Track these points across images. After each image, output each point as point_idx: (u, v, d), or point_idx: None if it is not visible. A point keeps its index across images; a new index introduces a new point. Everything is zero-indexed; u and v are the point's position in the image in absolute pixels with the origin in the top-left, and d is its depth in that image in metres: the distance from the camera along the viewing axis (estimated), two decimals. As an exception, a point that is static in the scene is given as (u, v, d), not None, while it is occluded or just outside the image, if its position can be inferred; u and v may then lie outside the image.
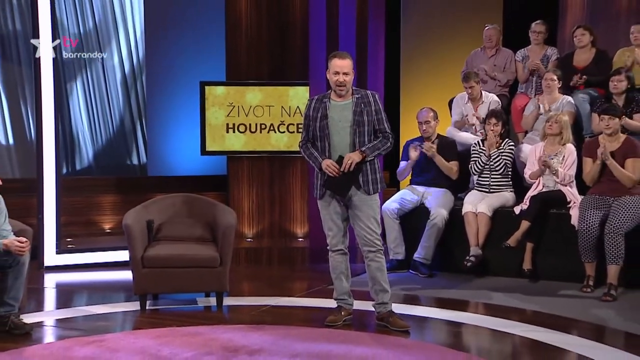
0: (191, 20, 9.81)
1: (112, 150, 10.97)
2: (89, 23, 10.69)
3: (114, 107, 10.94)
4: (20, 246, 5.33)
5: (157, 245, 6.34)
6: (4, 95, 10.03)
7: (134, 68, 11.05)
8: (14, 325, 5.39)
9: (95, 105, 10.82)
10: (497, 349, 5.24)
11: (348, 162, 5.34)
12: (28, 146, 10.01)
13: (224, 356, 4.83)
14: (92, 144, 10.79)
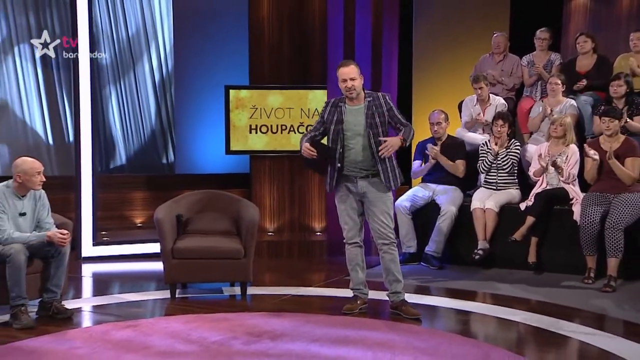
0: (217, 29, 9.76)
1: (142, 150, 10.96)
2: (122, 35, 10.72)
3: (144, 111, 10.94)
4: (62, 238, 5.41)
5: (186, 238, 6.37)
6: (44, 98, 10.03)
7: (163, 75, 11.01)
8: (57, 310, 5.47)
9: (128, 109, 10.83)
10: (503, 336, 5.24)
11: (389, 146, 5.29)
12: (66, 146, 10.00)
13: (249, 340, 4.86)
14: (124, 145, 10.79)
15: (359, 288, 5.72)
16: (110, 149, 10.53)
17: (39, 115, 10.05)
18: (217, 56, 9.73)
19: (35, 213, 5.61)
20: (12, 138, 9.88)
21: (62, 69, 10.13)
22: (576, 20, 9.28)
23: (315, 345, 4.78)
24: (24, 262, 5.27)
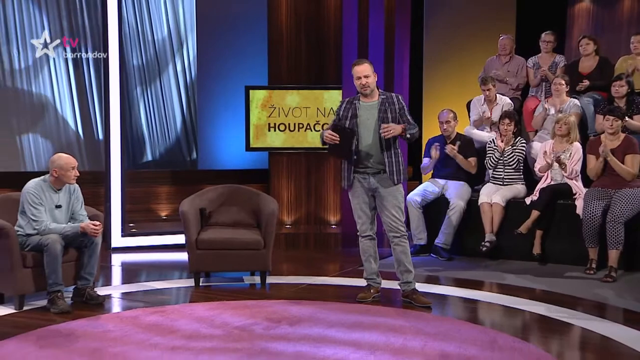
0: (237, 33, 9.74)
1: (167, 147, 10.96)
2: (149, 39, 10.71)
3: (169, 110, 10.94)
4: (94, 229, 5.47)
5: (209, 229, 6.39)
6: (75, 98, 10.06)
7: (186, 76, 10.99)
8: (90, 297, 5.53)
9: (153, 109, 10.84)
10: (509, 323, 5.24)
11: (388, 130, 5.29)
12: (96, 143, 10.04)
13: (269, 326, 4.89)
14: (150, 142, 10.81)
15: (372, 278, 5.73)
16: (137, 146, 10.54)
17: (71, 113, 10.08)
18: (237, 58, 9.71)
19: (70, 205, 5.67)
20: (52, 135, 9.94)
21: (92, 70, 10.17)
22: (579, 23, 9.23)
23: (332, 331, 4.80)
24: (60, 251, 5.32)
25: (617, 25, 8.94)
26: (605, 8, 9.17)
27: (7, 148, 9.50)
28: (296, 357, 4.27)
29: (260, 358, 4.24)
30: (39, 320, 5.12)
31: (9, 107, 9.56)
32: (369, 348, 4.43)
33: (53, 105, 9.95)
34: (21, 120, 9.70)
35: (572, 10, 9.37)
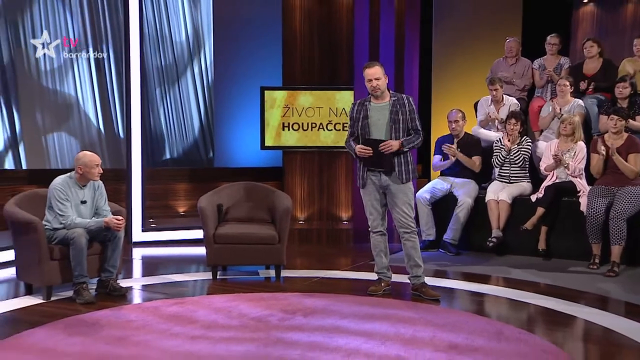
0: (253, 36, 9.79)
1: (184, 145, 11.02)
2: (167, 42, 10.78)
3: (186, 110, 11.00)
4: (117, 223, 5.53)
5: (225, 225, 6.40)
6: (97, 98, 10.11)
7: (203, 78, 11.04)
8: (113, 288, 5.59)
9: (172, 109, 10.90)
10: (515, 315, 5.26)
11: (387, 146, 5.34)
12: (116, 141, 10.12)
13: (284, 317, 4.92)
14: (168, 141, 10.87)
15: (383, 272, 5.74)
16: (156, 145, 10.58)
17: (94, 114, 10.14)
18: (253, 60, 9.75)
19: (94, 201, 5.72)
20: (75, 134, 10.01)
21: (114, 71, 10.22)
22: (584, 26, 9.18)
23: (344, 322, 4.82)
24: (85, 244, 5.38)
25: (621, 28, 8.90)
26: (609, 12, 9.13)
27: (33, 147, 9.57)
28: (310, 346, 4.30)
29: (276, 347, 4.28)
30: (65, 310, 5.19)
31: (35, 107, 9.62)
32: (380, 338, 4.45)
33: (76, 106, 10.01)
34: (46, 120, 9.76)
35: (577, 13, 9.33)
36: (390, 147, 5.37)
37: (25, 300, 5.51)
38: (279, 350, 4.24)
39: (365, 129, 5.51)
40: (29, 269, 5.61)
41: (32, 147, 9.58)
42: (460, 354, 4.15)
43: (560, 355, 4.20)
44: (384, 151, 5.38)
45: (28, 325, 4.77)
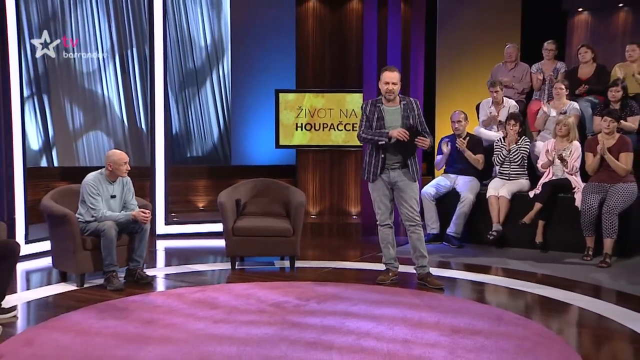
0: (268, 41, 9.72)
1: (203, 145, 11.00)
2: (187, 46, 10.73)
3: (205, 112, 10.98)
4: (144, 216, 5.64)
5: (243, 218, 6.47)
6: (123, 100, 10.11)
7: (220, 80, 11.01)
8: (140, 277, 5.69)
9: (191, 110, 10.89)
10: (514, 303, 5.29)
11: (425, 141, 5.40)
12: (140, 140, 10.13)
13: (299, 304, 5.01)
14: (187, 140, 10.87)
15: (390, 262, 5.79)
16: (177, 144, 10.57)
17: (119, 115, 10.15)
18: (267, 64, 9.69)
19: (123, 196, 5.82)
20: (102, 134, 10.02)
21: (137, 74, 10.24)
22: (578, 33, 9.16)
23: (355, 308, 4.90)
24: (114, 236, 5.49)
25: (613, 35, 8.86)
26: (601, 20, 9.11)
27: (64, 147, 9.60)
28: (324, 330, 4.39)
29: (292, 331, 4.36)
30: (97, 296, 5.30)
31: (65, 110, 9.64)
32: (389, 322, 4.54)
33: (104, 108, 10.03)
34: (76, 122, 9.78)
35: (572, 21, 9.31)
36: (425, 144, 5.43)
37: (60, 287, 5.63)
38: (295, 333, 4.32)
39: (382, 130, 5.54)
40: (63, 258, 5.71)
41: (64, 146, 9.61)
42: (463, 338, 4.23)
43: (556, 340, 4.27)
44: (419, 144, 5.41)
45: (64, 310, 4.90)
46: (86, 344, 4.14)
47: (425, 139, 5.45)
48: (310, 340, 4.18)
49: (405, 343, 4.15)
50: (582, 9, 9.27)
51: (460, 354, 3.94)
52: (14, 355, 3.94)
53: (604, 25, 9.09)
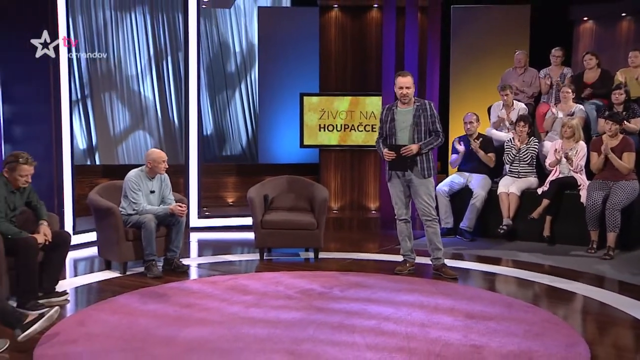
0: (293, 47, 9.71)
1: (232, 144, 11.10)
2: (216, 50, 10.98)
3: (233, 113, 11.10)
4: (181, 210, 5.75)
5: (271, 212, 6.52)
6: (159, 104, 10.24)
7: (248, 84, 11.15)
8: (176, 266, 5.81)
9: (220, 112, 11.01)
10: (523, 292, 5.30)
11: (407, 150, 5.44)
12: (174, 140, 10.23)
13: (323, 291, 5.10)
14: (217, 140, 10.97)
15: (407, 254, 5.84)
16: (208, 144, 10.64)
17: (154, 117, 10.25)
18: (293, 69, 9.71)
19: (161, 191, 5.93)
20: (139, 135, 10.15)
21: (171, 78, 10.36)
22: (584, 41, 9.07)
23: (375, 295, 4.98)
24: (154, 228, 5.61)
25: (616, 43, 8.77)
26: (605, 28, 9.02)
27: (106, 146, 9.74)
28: (348, 314, 4.47)
29: (319, 315, 4.45)
30: (138, 282, 5.42)
31: (106, 113, 9.77)
32: (407, 308, 4.62)
33: (140, 111, 10.13)
34: (116, 124, 9.90)
35: (578, 29, 9.23)
36: (410, 151, 5.48)
37: (105, 274, 5.77)
38: (321, 317, 4.41)
39: (392, 131, 5.61)
40: (108, 247, 5.84)
41: (105, 146, 9.75)
42: (476, 323, 4.30)
43: (562, 325, 4.32)
44: (405, 154, 5.48)
45: (110, 294, 5.05)
46: (132, 325, 4.27)
47: (408, 147, 5.48)
48: (335, 324, 4.26)
49: (422, 327, 4.22)
50: (587, 18, 9.20)
51: (474, 337, 4.01)
52: (68, 334, 4.09)
53: (608, 33, 9.01)
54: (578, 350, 3.86)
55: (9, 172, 4.74)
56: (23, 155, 4.75)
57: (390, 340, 3.97)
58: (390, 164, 5.63)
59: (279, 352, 3.74)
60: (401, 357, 3.68)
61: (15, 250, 4.58)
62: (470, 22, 9.45)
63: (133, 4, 10.15)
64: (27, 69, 6.86)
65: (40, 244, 4.73)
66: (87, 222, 7.17)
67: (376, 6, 8.91)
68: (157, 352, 3.79)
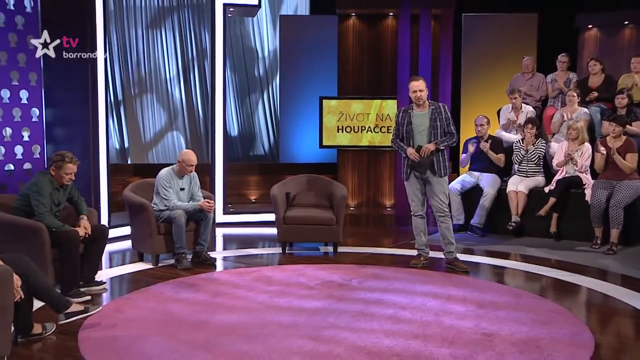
0: (312, 54, 9.75)
1: (255, 145, 11.16)
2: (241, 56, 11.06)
3: (255, 116, 11.16)
4: (209, 206, 5.83)
5: (292, 209, 6.56)
6: (185, 108, 10.30)
7: (269, 88, 11.19)
8: (205, 258, 5.88)
9: (243, 114, 11.08)
10: (530, 284, 5.33)
11: (426, 150, 5.52)
12: (199, 142, 10.31)
13: (341, 283, 5.16)
14: (240, 141, 11.02)
15: (422, 248, 5.89)
16: (231, 144, 10.64)
17: (181, 120, 10.32)
18: (312, 74, 9.74)
19: (190, 188, 6.02)
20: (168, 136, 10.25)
21: (197, 85, 10.43)
22: (589, 47, 9.01)
23: (392, 286, 5.06)
24: (184, 222, 5.69)
25: (619, 49, 8.70)
26: (609, 35, 8.93)
27: (137, 147, 9.85)
28: (367, 303, 4.56)
29: (340, 304, 4.54)
30: (169, 273, 5.53)
31: (137, 117, 9.88)
32: (422, 298, 4.69)
33: (168, 114, 10.22)
34: (146, 127, 10.01)
35: (583, 36, 9.16)
36: (427, 150, 5.54)
37: (138, 266, 5.88)
38: (341, 306, 4.49)
39: (410, 134, 5.65)
40: (141, 241, 5.94)
41: (136, 147, 9.86)
42: (487, 312, 4.37)
43: (568, 315, 4.37)
44: (424, 155, 5.54)
45: (144, 284, 5.17)
46: (165, 311, 4.39)
47: (423, 148, 5.55)
48: (355, 313, 4.34)
49: (436, 316, 4.29)
50: (591, 26, 9.16)
51: (485, 326, 4.08)
52: (107, 319, 4.21)
53: (611, 40, 8.95)
54: (582, 338, 3.91)
55: (55, 170, 4.88)
56: (68, 155, 4.89)
57: (407, 327, 4.04)
58: (413, 165, 5.66)
59: (302, 338, 3.83)
60: (417, 344, 3.75)
61: (59, 242, 4.72)
62: (481, 30, 9.44)
63: (163, 16, 10.23)
64: (68, 76, 7.01)
65: (81, 237, 4.86)
66: (120, 217, 7.29)
67: (391, 14, 8.93)
68: (189, 336, 3.89)
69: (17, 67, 6.90)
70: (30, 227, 4.63)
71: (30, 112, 7.05)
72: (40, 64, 7.02)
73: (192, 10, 10.52)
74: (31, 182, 4.92)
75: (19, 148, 6.96)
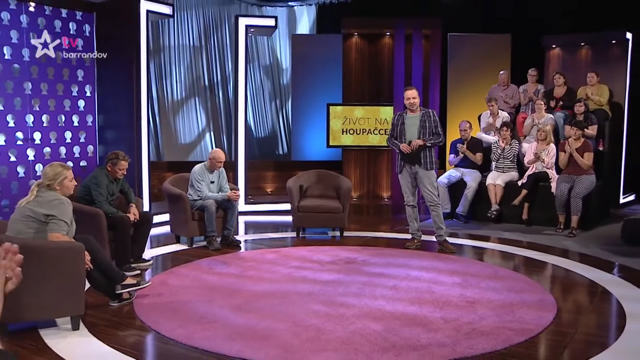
0: (320, 65, 9.74)
1: (269, 144, 11.15)
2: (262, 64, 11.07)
3: (270, 120, 11.16)
4: (236, 195, 5.93)
5: (305, 199, 6.64)
6: (210, 112, 10.30)
7: (282, 95, 11.22)
8: (231, 241, 5.98)
9: (259, 118, 11.09)
10: (506, 262, 5.41)
11: (415, 144, 5.61)
12: (220, 141, 10.29)
13: (348, 261, 5.28)
14: (257, 141, 11.00)
15: (415, 233, 6.00)
16: (250, 144, 10.54)
17: (206, 123, 10.28)
18: (320, 84, 9.72)
19: (219, 181, 6.10)
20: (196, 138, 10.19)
21: (222, 95, 10.42)
22: (553, 63, 9.06)
23: (391, 263, 5.18)
24: (214, 210, 5.81)
25: (578, 65, 8.87)
26: (570, 54, 9.04)
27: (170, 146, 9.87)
28: (372, 275, 4.72)
29: (348, 277, 4.68)
30: (202, 253, 5.65)
31: (169, 122, 9.90)
32: (418, 271, 4.86)
33: (197, 120, 10.20)
34: (179, 129, 10.01)
35: (548, 54, 9.20)
36: (416, 144, 5.63)
37: (176, 247, 6.00)
38: (350, 278, 4.65)
39: (402, 132, 5.76)
40: (178, 225, 6.05)
41: (169, 146, 9.88)
42: (471, 284, 4.52)
43: (536, 286, 4.51)
44: (414, 148, 5.62)
45: (182, 261, 5.30)
46: (203, 282, 4.56)
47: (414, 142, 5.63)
48: (361, 284, 4.49)
49: (429, 286, 4.45)
50: (555, 46, 9.28)
51: (469, 294, 4.24)
52: (155, 289, 4.38)
53: (571, 58, 9.04)
54: (547, 303, 4.07)
55: (111, 166, 5.06)
56: (122, 154, 5.08)
57: (405, 296, 4.19)
58: (403, 156, 5.75)
59: (318, 304, 3.99)
60: (413, 309, 3.90)
61: (114, 225, 4.89)
62: (464, 47, 9.50)
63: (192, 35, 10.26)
64: (116, 89, 7.14)
65: (131, 221, 5.03)
66: (158, 206, 7.38)
67: (388, 34, 8.97)
68: (225, 302, 4.07)
69: (76, 81, 7.07)
70: (92, 213, 4.77)
71: (86, 118, 7.20)
72: (94, 78, 7.18)
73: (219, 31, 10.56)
74: (91, 175, 5.09)
75: (77, 148, 7.10)
